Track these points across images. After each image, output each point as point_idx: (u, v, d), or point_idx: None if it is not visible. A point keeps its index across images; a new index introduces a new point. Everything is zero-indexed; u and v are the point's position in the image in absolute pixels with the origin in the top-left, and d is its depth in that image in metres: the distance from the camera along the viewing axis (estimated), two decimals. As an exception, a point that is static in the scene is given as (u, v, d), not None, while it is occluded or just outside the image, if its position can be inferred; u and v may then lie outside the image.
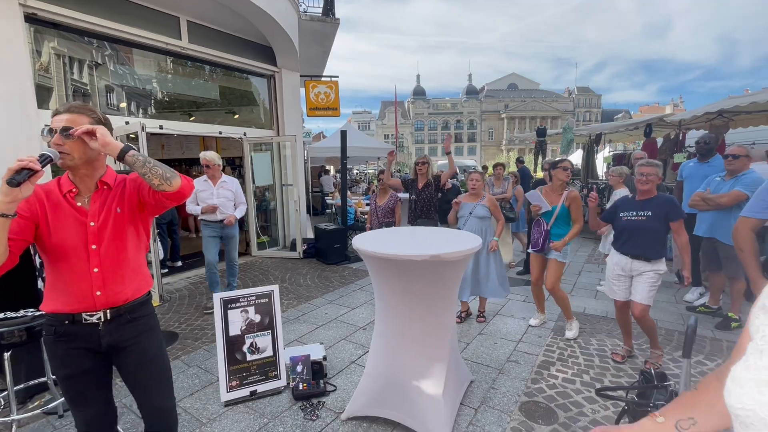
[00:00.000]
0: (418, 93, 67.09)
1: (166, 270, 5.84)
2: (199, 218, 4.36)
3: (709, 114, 6.70)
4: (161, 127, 5.48)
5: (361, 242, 2.31)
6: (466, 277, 3.86)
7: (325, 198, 12.24)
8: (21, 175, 1.17)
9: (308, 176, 13.18)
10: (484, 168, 10.93)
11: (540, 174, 7.99)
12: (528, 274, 5.43)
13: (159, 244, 5.53)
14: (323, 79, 8.47)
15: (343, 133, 6.56)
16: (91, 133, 1.34)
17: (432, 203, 4.58)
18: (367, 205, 7.16)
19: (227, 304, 2.75)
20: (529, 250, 3.76)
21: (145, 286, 1.60)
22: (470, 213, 3.90)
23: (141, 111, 5.68)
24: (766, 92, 5.79)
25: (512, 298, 4.63)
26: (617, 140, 13.62)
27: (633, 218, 2.91)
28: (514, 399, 2.62)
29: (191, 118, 6.35)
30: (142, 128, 4.43)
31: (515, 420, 2.40)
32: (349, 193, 10.13)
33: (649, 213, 2.84)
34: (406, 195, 6.45)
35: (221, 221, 4.25)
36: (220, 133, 6.39)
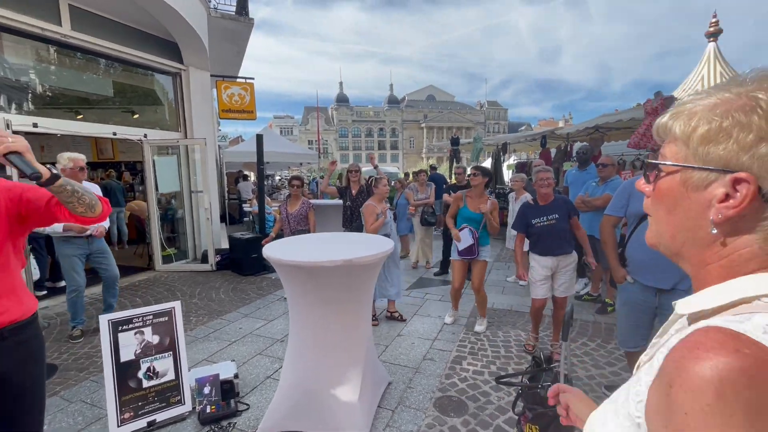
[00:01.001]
0: (342, 100, 67.51)
1: (45, 292, 4.98)
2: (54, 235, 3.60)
3: (588, 129, 7.82)
4: (35, 125, 4.68)
5: (271, 250, 2.22)
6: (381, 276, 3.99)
7: (243, 205, 11.57)
8: None
9: (224, 182, 12.35)
10: (406, 175, 11.27)
11: (454, 179, 8.53)
12: (444, 274, 5.77)
13: (34, 261, 4.71)
14: (238, 80, 8.04)
15: (259, 138, 6.29)
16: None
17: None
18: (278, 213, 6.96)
19: (117, 327, 2.42)
20: (457, 258, 3.82)
21: (32, 305, 1.46)
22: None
23: (13, 106, 4.77)
24: (628, 112, 6.94)
25: (429, 297, 4.84)
26: (520, 149, 15.19)
27: (545, 223, 3.21)
28: (429, 396, 2.73)
29: (78, 117, 5.54)
30: (7, 125, 3.74)
31: (429, 416, 2.50)
32: (268, 199, 9.73)
33: (557, 215, 3.19)
34: (328, 201, 6.39)
35: (89, 235, 3.67)
36: (114, 134, 5.67)
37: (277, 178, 28.01)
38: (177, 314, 2.63)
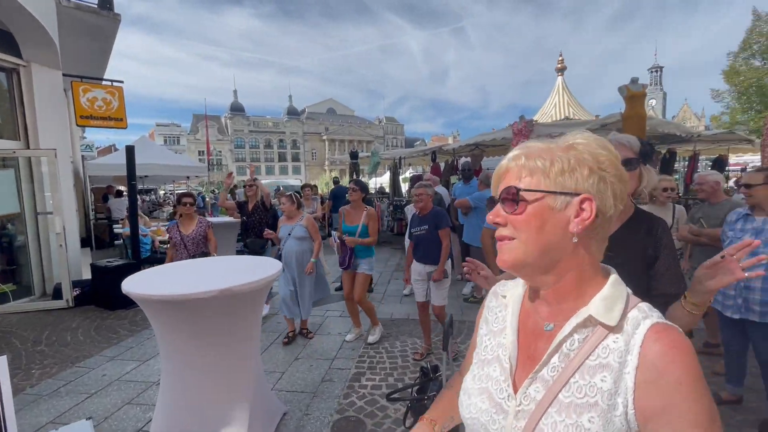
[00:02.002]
0: (237, 109, 63.65)
1: None
2: None
3: (470, 146, 8.70)
4: None
5: (132, 284, 1.91)
6: (285, 297, 3.93)
7: (114, 226, 9.91)
8: None
9: (88, 200, 10.48)
10: (309, 186, 10.98)
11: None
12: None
13: None
14: (103, 83, 6.93)
15: (130, 150, 5.48)
16: None
17: (263, 223, 4.62)
18: (167, 233, 6.18)
19: None
20: (341, 268, 3.95)
21: None
22: (289, 234, 3.92)
23: None
24: (501, 132, 7.92)
25: (329, 315, 4.75)
26: (416, 163, 16.19)
27: (419, 233, 3.49)
28: (326, 420, 2.63)
29: None
30: None
31: (327, 442, 2.41)
32: (146, 219, 8.54)
33: (426, 226, 3.45)
34: (225, 219, 5.90)
35: None
36: None
37: (161, 192, 24.93)
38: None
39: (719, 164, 10.06)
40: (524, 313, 0.72)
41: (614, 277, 0.65)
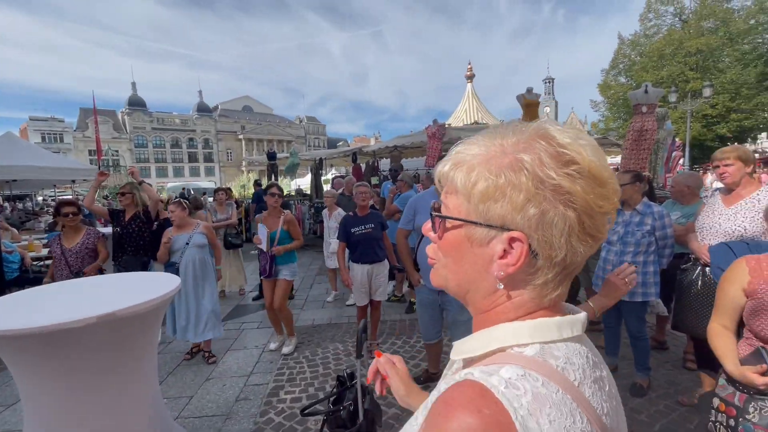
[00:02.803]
0: (136, 103, 56.75)
1: None
2: None
3: (389, 147, 8.91)
4: None
5: (-25, 318, 1.55)
6: (180, 311, 3.54)
7: (-30, 242, 8.11)
8: None
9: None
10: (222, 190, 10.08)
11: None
12: (264, 297, 5.45)
13: None
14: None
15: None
16: None
17: (142, 238, 3.92)
18: (46, 247, 5.24)
19: None
20: (262, 277, 3.76)
21: None
22: (187, 243, 3.55)
23: None
24: (417, 135, 8.26)
25: (245, 327, 4.46)
26: (338, 164, 16.10)
27: (362, 232, 3.50)
28: (240, 443, 2.45)
29: None
30: None
31: (240, 468, 2.24)
32: (15, 232, 7.17)
33: (372, 225, 3.51)
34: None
35: None
36: None
37: (40, 199, 21.20)
38: None
39: (598, 165, 11.71)
40: None
41: (532, 322, 0.47)
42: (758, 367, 1.21)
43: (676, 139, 9.30)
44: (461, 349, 0.51)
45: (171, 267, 3.53)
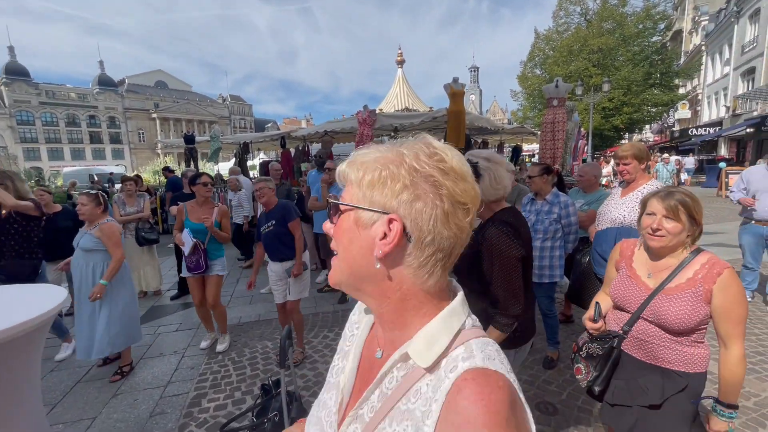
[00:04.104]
0: (17, 72, 47.78)
1: None
2: None
3: (320, 132, 8.63)
4: None
5: None
6: (81, 327, 3.02)
7: None
8: None
9: None
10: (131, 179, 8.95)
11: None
12: (184, 296, 5.01)
13: None
14: None
15: None
16: None
17: (28, 238, 3.33)
18: None
19: None
20: (188, 275, 3.43)
21: None
22: (77, 245, 3.06)
23: None
24: (348, 120, 8.09)
25: (162, 330, 4.07)
26: (266, 149, 15.25)
27: (267, 230, 3.25)
28: (155, 464, 2.23)
29: None
30: None
31: (155, 492, 2.04)
32: None
33: (273, 221, 3.24)
34: None
35: None
36: None
37: None
38: None
39: (516, 152, 12.64)
40: (371, 336, 0.66)
41: (452, 305, 0.56)
42: (589, 314, 1.59)
43: (582, 129, 10.36)
44: (423, 355, 0.53)
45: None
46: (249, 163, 11.93)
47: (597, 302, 1.62)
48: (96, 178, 17.86)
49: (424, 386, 0.52)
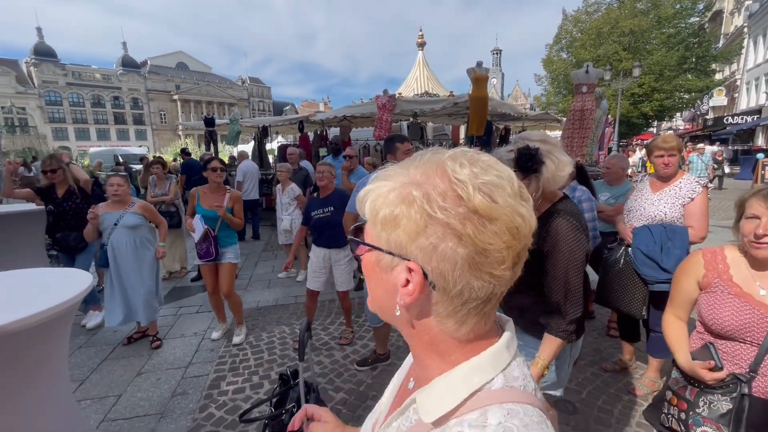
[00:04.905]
0: (45, 53, 48.98)
1: None
2: None
3: (338, 117, 8.54)
4: None
5: None
6: (114, 302, 3.26)
7: None
8: None
9: None
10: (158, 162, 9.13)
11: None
12: (203, 280, 5.12)
13: None
14: None
15: None
16: None
17: (81, 214, 3.53)
18: None
19: None
20: (200, 262, 3.44)
21: None
22: (115, 224, 3.22)
23: None
24: (367, 105, 7.96)
25: (183, 311, 4.18)
26: (284, 132, 15.27)
27: (321, 215, 3.23)
28: (177, 444, 2.30)
29: None
30: None
31: (176, 471, 2.10)
32: None
33: (332, 208, 3.20)
34: (12, 207, 4.55)
35: None
36: None
37: (-77, 164, 17.93)
38: None
39: (540, 139, 12.28)
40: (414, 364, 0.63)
41: (480, 359, 0.47)
42: (706, 363, 1.24)
43: (609, 117, 9.95)
44: (431, 411, 0.47)
45: (103, 248, 3.25)
46: (267, 146, 11.98)
47: (710, 344, 1.28)
48: (121, 160, 18.30)
49: None
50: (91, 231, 3.22)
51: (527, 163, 1.37)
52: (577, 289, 1.35)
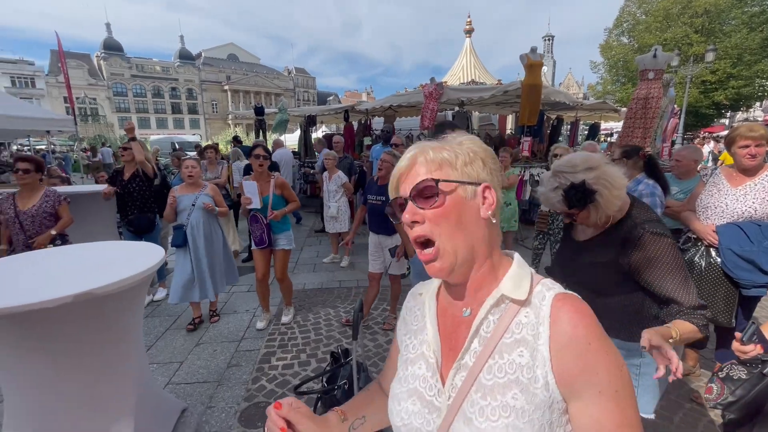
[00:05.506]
0: (113, 47, 53.03)
1: None
2: None
3: (383, 107, 8.54)
4: None
5: (-63, 296, 1.42)
6: (184, 281, 3.41)
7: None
8: None
9: None
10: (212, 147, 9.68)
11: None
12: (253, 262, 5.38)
13: None
14: None
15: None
16: None
17: (146, 196, 3.89)
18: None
19: None
20: (254, 248, 3.54)
21: None
22: (193, 205, 3.43)
23: None
24: (413, 94, 7.88)
25: (235, 290, 4.43)
26: (328, 122, 15.53)
27: (374, 202, 3.32)
28: (233, 411, 2.46)
29: None
30: None
31: (233, 435, 2.26)
32: (-12, 185, 6.82)
33: (383, 198, 3.23)
34: (87, 187, 4.96)
35: None
36: None
37: (14, 148, 20.17)
38: None
39: (594, 130, 11.57)
40: (441, 306, 0.74)
41: (518, 258, 0.70)
42: (739, 334, 1.27)
43: (675, 106, 9.14)
44: (519, 293, 0.64)
45: (178, 229, 3.42)
46: (313, 136, 12.24)
47: (753, 322, 1.34)
48: (177, 146, 19.54)
49: (523, 318, 0.62)
50: (170, 213, 3.41)
51: (579, 201, 1.31)
52: (684, 280, 1.29)
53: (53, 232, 3.10)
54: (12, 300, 1.37)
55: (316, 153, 7.97)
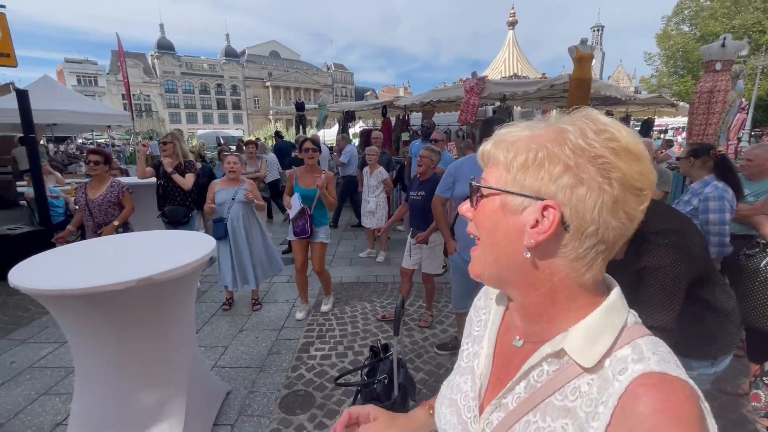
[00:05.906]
0: (165, 47, 56.23)
1: None
2: None
3: (422, 102, 8.45)
4: None
5: (22, 275, 1.58)
6: (227, 270, 3.62)
7: (18, 183, 8.49)
8: None
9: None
10: (252, 143, 10.12)
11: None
12: (291, 252, 5.52)
13: None
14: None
15: (22, 95, 4.53)
16: None
17: (184, 190, 4.00)
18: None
19: None
20: (293, 238, 3.59)
21: None
22: (233, 199, 3.59)
23: None
24: (452, 89, 7.73)
25: (276, 280, 4.57)
26: (366, 117, 15.62)
27: (415, 197, 3.34)
28: (274, 396, 2.55)
29: None
30: None
31: (274, 420, 2.34)
32: (59, 176, 7.46)
33: (423, 193, 3.26)
34: (145, 180, 5.24)
35: None
36: None
37: (79, 141, 21.97)
38: None
39: (647, 126, 10.84)
40: (505, 323, 0.64)
41: (612, 299, 0.50)
42: None
43: (743, 100, 8.35)
44: (586, 353, 0.48)
45: (219, 222, 3.57)
46: (351, 131, 12.38)
47: None
48: (222, 141, 20.44)
49: (584, 385, 0.47)
50: (211, 207, 3.58)
51: None
52: (668, 300, 1.27)
53: (116, 223, 3.37)
54: (88, 281, 1.49)
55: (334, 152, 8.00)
